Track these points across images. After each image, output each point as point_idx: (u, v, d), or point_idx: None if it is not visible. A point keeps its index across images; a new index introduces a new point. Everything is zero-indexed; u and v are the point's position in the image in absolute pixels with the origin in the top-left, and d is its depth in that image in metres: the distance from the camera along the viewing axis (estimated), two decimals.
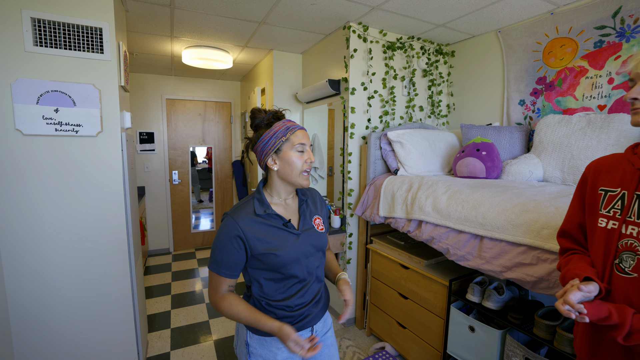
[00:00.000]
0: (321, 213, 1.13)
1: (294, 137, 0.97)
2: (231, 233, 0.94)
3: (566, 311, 0.70)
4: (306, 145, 0.99)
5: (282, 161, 0.98)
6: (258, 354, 1.02)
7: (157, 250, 4.22)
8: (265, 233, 0.96)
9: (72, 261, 1.66)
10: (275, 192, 1.04)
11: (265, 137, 0.98)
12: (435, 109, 2.67)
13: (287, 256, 0.97)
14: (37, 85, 1.53)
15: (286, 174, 0.99)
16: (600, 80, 1.80)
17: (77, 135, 1.62)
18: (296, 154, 0.97)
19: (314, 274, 1.05)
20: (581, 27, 1.86)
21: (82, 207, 1.66)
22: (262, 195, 1.01)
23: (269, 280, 1.00)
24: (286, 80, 3.07)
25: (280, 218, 1.00)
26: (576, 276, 0.77)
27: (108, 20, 1.63)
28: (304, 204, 1.09)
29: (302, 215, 1.06)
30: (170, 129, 4.15)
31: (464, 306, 1.71)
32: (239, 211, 0.97)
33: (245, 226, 0.94)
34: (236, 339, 1.11)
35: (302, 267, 1.01)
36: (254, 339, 1.03)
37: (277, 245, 0.96)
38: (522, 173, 1.80)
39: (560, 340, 1.24)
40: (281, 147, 0.97)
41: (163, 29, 2.44)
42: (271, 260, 0.96)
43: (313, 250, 1.04)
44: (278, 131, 0.97)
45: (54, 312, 1.65)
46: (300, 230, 1.02)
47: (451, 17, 2.13)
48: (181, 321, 2.62)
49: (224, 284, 0.98)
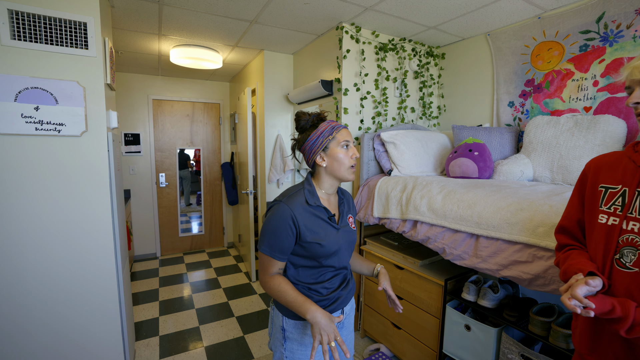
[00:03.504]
0: (352, 212, 1.23)
1: (339, 135, 1.06)
2: (286, 218, 1.00)
3: (572, 305, 0.70)
4: (350, 142, 1.08)
5: (330, 158, 1.06)
6: (294, 337, 1.09)
7: (144, 255, 4.09)
8: (313, 223, 1.04)
9: (55, 268, 1.58)
10: (322, 187, 1.11)
11: (313, 136, 1.06)
12: (426, 110, 2.69)
13: (329, 247, 1.04)
14: (15, 81, 1.45)
15: (334, 169, 1.07)
16: (586, 83, 1.86)
17: (59, 135, 1.54)
18: (342, 150, 1.06)
19: (344, 265, 1.14)
20: (567, 31, 1.91)
21: (65, 211, 1.58)
22: (312, 187, 1.09)
23: (305, 267, 1.07)
24: (277, 81, 3.04)
25: (327, 211, 1.07)
26: (579, 271, 0.77)
27: (93, 15, 1.57)
28: (343, 202, 1.18)
29: (341, 213, 1.15)
30: (157, 130, 4.05)
31: (459, 305, 1.72)
32: (292, 199, 1.04)
33: (298, 213, 1.01)
34: (270, 327, 1.17)
35: (339, 258, 1.09)
36: (290, 324, 1.09)
37: (322, 236, 1.04)
38: (513, 173, 1.83)
39: (555, 336, 1.25)
40: (328, 145, 1.06)
41: (150, 26, 2.37)
42: (315, 249, 1.03)
43: (347, 244, 1.12)
44: (325, 130, 1.05)
45: (35, 321, 1.56)
46: (340, 226, 1.10)
47: (442, 20, 2.16)
48: (170, 328, 2.53)
49: (275, 266, 1.04)
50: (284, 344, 1.09)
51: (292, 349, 1.09)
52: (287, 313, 1.09)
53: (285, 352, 1.09)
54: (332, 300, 1.10)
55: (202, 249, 4.50)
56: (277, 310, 1.12)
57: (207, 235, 4.50)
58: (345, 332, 1.22)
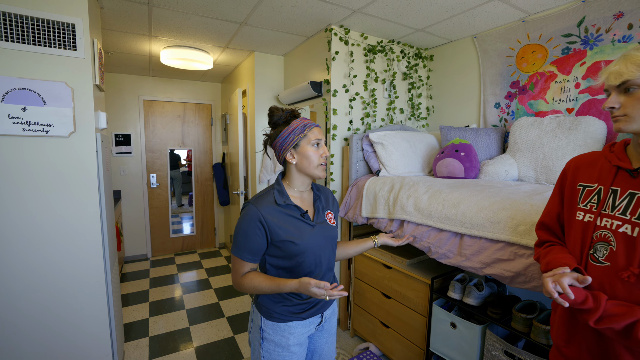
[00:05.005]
0: (332, 208, 1.22)
1: (310, 134, 1.06)
2: (253, 219, 1.00)
3: (551, 289, 0.73)
4: (321, 140, 1.08)
5: (300, 155, 1.06)
6: (271, 339, 1.09)
7: (134, 257, 4.06)
8: (284, 222, 1.04)
9: (43, 267, 1.57)
10: (293, 185, 1.11)
11: (284, 133, 1.05)
12: (415, 111, 2.73)
13: (304, 245, 1.04)
14: (2, 82, 1.44)
15: (304, 166, 1.07)
16: (568, 85, 1.91)
17: (47, 135, 1.54)
18: (313, 148, 1.06)
19: (324, 264, 1.13)
20: (550, 34, 1.96)
21: (53, 212, 1.57)
22: (281, 186, 1.09)
23: (284, 269, 1.08)
24: (268, 82, 3.06)
25: (298, 209, 1.07)
26: (565, 265, 0.80)
27: (81, 16, 1.57)
28: (318, 199, 1.17)
29: (316, 209, 1.14)
30: (147, 131, 4.03)
31: (446, 304, 1.75)
32: (261, 200, 1.04)
33: (267, 214, 1.01)
34: (250, 325, 1.18)
35: (314, 257, 1.08)
36: (268, 325, 1.09)
37: (296, 234, 1.04)
38: (498, 173, 1.87)
39: (536, 332, 1.29)
40: (299, 143, 1.06)
41: (140, 27, 2.37)
42: (289, 248, 1.03)
43: (325, 242, 1.12)
44: (296, 128, 1.05)
45: (20, 323, 1.55)
46: (315, 222, 1.10)
47: (429, 22, 2.20)
48: (160, 329, 2.52)
49: (246, 267, 1.04)
50: (261, 344, 1.10)
51: (269, 349, 1.09)
52: (265, 314, 1.10)
53: (263, 352, 1.10)
54: (312, 304, 1.11)
55: (194, 249, 4.48)
56: (257, 310, 1.13)
57: (198, 236, 4.49)
58: (326, 335, 1.23)
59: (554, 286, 0.73)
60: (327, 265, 1.15)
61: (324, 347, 1.24)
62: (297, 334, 1.11)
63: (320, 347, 1.23)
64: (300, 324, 1.11)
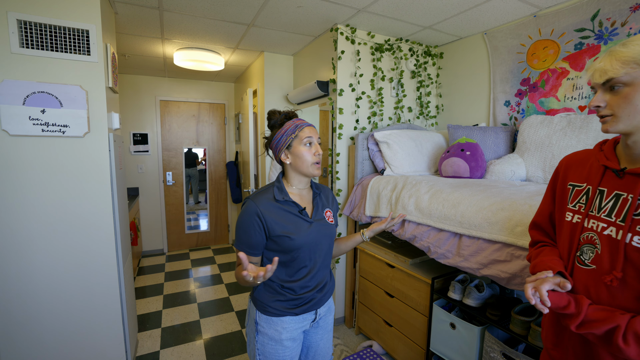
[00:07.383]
0: (332, 207, 1.25)
1: (301, 133, 1.09)
2: (252, 214, 1.04)
3: (530, 295, 0.72)
4: (313, 138, 1.10)
5: (293, 155, 1.10)
6: (265, 332, 1.13)
7: (151, 251, 4.23)
8: (282, 217, 1.07)
9: (60, 261, 1.68)
10: (291, 183, 1.15)
11: (278, 135, 1.10)
12: (424, 110, 2.69)
13: (300, 240, 1.07)
14: (24, 86, 1.55)
15: (298, 165, 1.11)
16: (581, 82, 1.83)
17: (64, 135, 1.64)
18: (305, 147, 1.09)
19: (319, 261, 1.15)
20: (562, 29, 1.89)
21: (69, 208, 1.68)
22: (281, 184, 1.13)
23: (280, 264, 1.10)
24: (277, 81, 3.10)
25: (296, 205, 1.11)
26: (550, 268, 0.79)
27: (95, 23, 1.66)
28: (318, 197, 1.20)
29: (315, 207, 1.17)
30: (164, 130, 4.17)
31: (447, 304, 1.73)
32: (260, 196, 1.08)
33: (265, 209, 1.05)
34: (247, 318, 1.22)
35: (309, 253, 1.11)
36: (262, 319, 1.13)
37: (292, 229, 1.07)
38: (504, 172, 1.83)
39: (534, 336, 1.26)
40: (292, 143, 1.09)
41: (153, 30, 2.46)
42: (285, 243, 1.06)
43: (322, 239, 1.14)
44: (288, 129, 1.09)
45: (41, 311, 1.67)
46: (313, 219, 1.13)
47: (437, 20, 2.17)
48: (172, 321, 2.63)
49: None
50: (256, 337, 1.14)
51: (263, 342, 1.13)
52: (260, 307, 1.13)
53: (257, 344, 1.14)
54: (306, 300, 1.14)
55: (208, 245, 4.61)
56: (252, 304, 1.17)
57: (212, 233, 4.62)
58: (322, 331, 1.25)
59: (533, 292, 0.72)
60: (322, 262, 1.17)
61: (319, 343, 1.26)
62: (290, 329, 1.13)
63: (315, 343, 1.26)
64: (294, 320, 1.14)
